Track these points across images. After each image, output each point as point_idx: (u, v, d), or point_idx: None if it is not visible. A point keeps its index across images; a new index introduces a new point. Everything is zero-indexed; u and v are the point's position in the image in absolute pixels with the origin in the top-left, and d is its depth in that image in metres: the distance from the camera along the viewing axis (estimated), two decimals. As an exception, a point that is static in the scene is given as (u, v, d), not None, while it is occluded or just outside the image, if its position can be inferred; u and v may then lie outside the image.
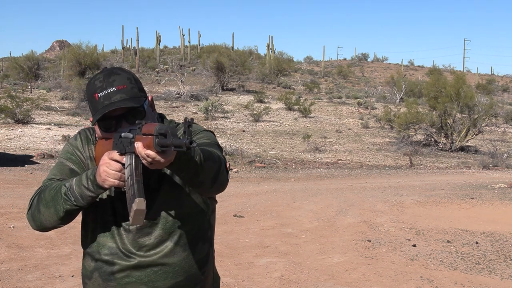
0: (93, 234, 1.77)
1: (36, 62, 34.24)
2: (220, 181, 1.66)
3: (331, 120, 24.70)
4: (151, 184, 1.71)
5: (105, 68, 1.75)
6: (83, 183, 1.61)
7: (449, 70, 52.43)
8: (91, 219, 1.77)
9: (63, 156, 1.81)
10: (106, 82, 1.66)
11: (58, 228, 1.76)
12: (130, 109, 1.67)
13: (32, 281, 4.72)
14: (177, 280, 1.75)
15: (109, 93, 1.65)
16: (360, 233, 6.84)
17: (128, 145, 1.53)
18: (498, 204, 8.98)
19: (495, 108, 21.14)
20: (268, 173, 13.22)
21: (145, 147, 1.44)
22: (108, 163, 1.56)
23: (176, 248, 1.74)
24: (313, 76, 46.35)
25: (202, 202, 1.81)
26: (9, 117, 18.29)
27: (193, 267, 1.78)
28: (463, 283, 4.99)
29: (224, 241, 6.35)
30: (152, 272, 1.72)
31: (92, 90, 1.68)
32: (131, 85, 1.69)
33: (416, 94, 31.45)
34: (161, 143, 1.41)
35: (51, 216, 1.68)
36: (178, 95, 26.81)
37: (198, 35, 79.39)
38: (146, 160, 1.45)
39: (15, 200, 8.01)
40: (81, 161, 1.79)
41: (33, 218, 1.72)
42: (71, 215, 1.69)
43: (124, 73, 1.71)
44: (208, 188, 1.66)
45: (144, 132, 1.47)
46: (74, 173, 1.76)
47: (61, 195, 1.64)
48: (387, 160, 16.53)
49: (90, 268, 1.78)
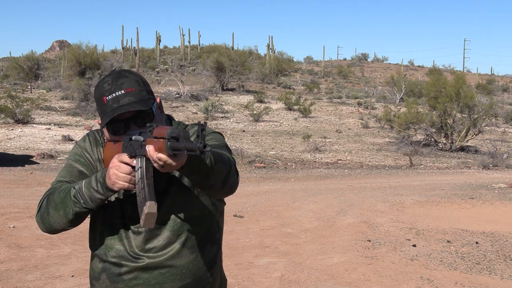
0: (101, 236, 1.77)
1: (36, 62, 34.25)
2: (230, 183, 1.67)
3: (331, 120, 24.71)
4: (160, 186, 1.70)
5: (114, 71, 1.75)
6: (93, 185, 1.61)
7: (449, 70, 52.43)
8: (100, 221, 1.77)
9: (72, 158, 1.81)
10: (115, 85, 1.66)
11: (67, 230, 1.76)
12: (138, 112, 1.67)
13: (32, 281, 4.72)
14: (185, 282, 1.75)
15: (118, 96, 1.65)
16: (360, 233, 6.84)
17: (138, 148, 1.53)
18: (498, 204, 8.98)
19: (495, 108, 21.13)
20: (268, 173, 13.22)
21: (156, 151, 1.44)
22: (118, 166, 1.56)
23: (183, 250, 1.74)
24: (313, 76, 46.35)
25: (210, 204, 1.81)
26: (9, 117, 18.31)
27: (200, 269, 1.78)
28: (463, 283, 4.99)
29: (224, 241, 6.34)
30: (160, 274, 1.72)
31: (100, 93, 1.68)
32: (139, 88, 1.69)
33: (416, 94, 31.47)
34: (173, 146, 1.40)
35: (61, 218, 1.68)
36: (178, 95, 26.81)
37: (198, 35, 79.39)
38: (157, 163, 1.45)
39: (15, 200, 8.01)
40: (90, 163, 1.79)
41: (43, 221, 1.73)
42: (80, 218, 1.69)
43: (132, 76, 1.70)
44: (219, 190, 1.66)
45: (155, 136, 1.46)
46: (83, 175, 1.76)
47: (70, 197, 1.64)
48: (387, 160, 16.54)
49: (98, 270, 1.78)
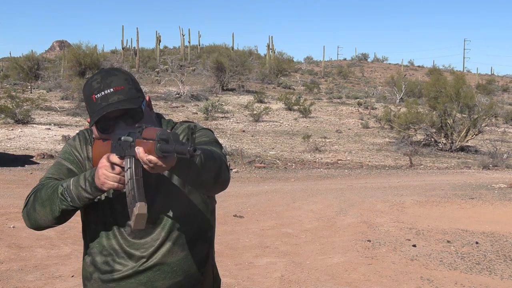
0: (92, 235, 1.77)
1: (36, 62, 34.25)
2: (221, 179, 1.66)
3: (331, 120, 24.71)
4: (149, 185, 1.70)
5: (102, 69, 1.74)
6: (81, 184, 1.61)
7: (449, 70, 52.42)
8: (91, 220, 1.78)
9: (61, 156, 1.81)
10: (104, 83, 1.66)
11: (52, 227, 1.77)
12: (128, 110, 1.67)
13: (32, 281, 4.72)
14: (176, 280, 1.75)
15: (107, 94, 1.64)
16: (360, 233, 6.84)
17: (128, 149, 1.53)
18: (498, 204, 8.98)
19: (495, 108, 21.13)
20: (268, 173, 13.22)
21: (146, 152, 1.43)
22: (107, 166, 1.55)
23: (174, 247, 1.74)
24: (313, 76, 46.34)
25: (201, 202, 1.81)
26: (9, 117, 18.30)
27: (192, 267, 1.78)
28: (463, 283, 4.99)
29: (224, 241, 6.35)
30: (151, 272, 1.73)
31: (89, 91, 1.68)
32: (128, 86, 1.68)
33: (416, 94, 31.49)
34: (163, 148, 1.39)
35: (47, 215, 1.68)
36: (178, 95, 26.82)
37: (198, 35, 79.27)
38: (147, 165, 1.44)
39: (15, 200, 8.01)
40: (78, 161, 1.79)
41: (28, 217, 1.72)
42: (66, 215, 1.69)
43: (121, 74, 1.70)
44: (210, 187, 1.66)
45: (144, 137, 1.46)
46: (72, 173, 1.76)
47: (57, 194, 1.64)
48: (387, 160, 16.54)
49: (90, 269, 1.78)
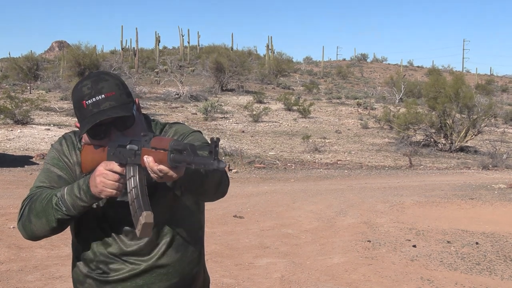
0: (86, 240, 1.75)
1: (35, 62, 34.19)
2: (222, 187, 1.67)
3: (330, 121, 24.71)
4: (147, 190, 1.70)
5: (92, 73, 1.70)
6: (75, 193, 1.59)
7: (448, 71, 52.45)
8: (84, 226, 1.75)
9: (49, 162, 1.77)
10: (95, 89, 1.62)
11: (50, 236, 1.75)
12: (120, 116, 1.64)
13: (32, 282, 4.71)
14: (172, 282, 1.76)
15: (98, 100, 1.60)
16: (360, 234, 6.84)
17: (131, 157, 1.51)
18: (498, 204, 8.99)
19: (494, 108, 21.15)
20: (268, 174, 13.22)
21: (156, 162, 1.42)
22: (105, 174, 1.53)
23: (169, 250, 1.75)
24: (312, 76, 46.35)
25: (193, 203, 1.81)
26: (8, 117, 18.27)
27: (186, 268, 1.79)
28: (463, 283, 4.99)
29: (224, 241, 6.35)
30: (147, 274, 1.73)
31: (79, 97, 1.63)
32: (119, 91, 1.65)
33: (415, 94, 31.50)
34: (177, 159, 1.37)
35: (43, 226, 1.66)
36: (177, 96, 26.82)
37: (198, 36, 78.99)
38: (157, 174, 1.43)
39: (15, 201, 8.00)
40: (68, 167, 1.75)
41: (25, 229, 1.70)
42: (63, 224, 1.67)
43: (112, 79, 1.66)
44: (211, 195, 1.66)
45: (154, 146, 1.44)
46: (62, 179, 1.73)
47: (52, 205, 1.62)
48: (387, 161, 16.54)
49: (83, 273, 1.77)
